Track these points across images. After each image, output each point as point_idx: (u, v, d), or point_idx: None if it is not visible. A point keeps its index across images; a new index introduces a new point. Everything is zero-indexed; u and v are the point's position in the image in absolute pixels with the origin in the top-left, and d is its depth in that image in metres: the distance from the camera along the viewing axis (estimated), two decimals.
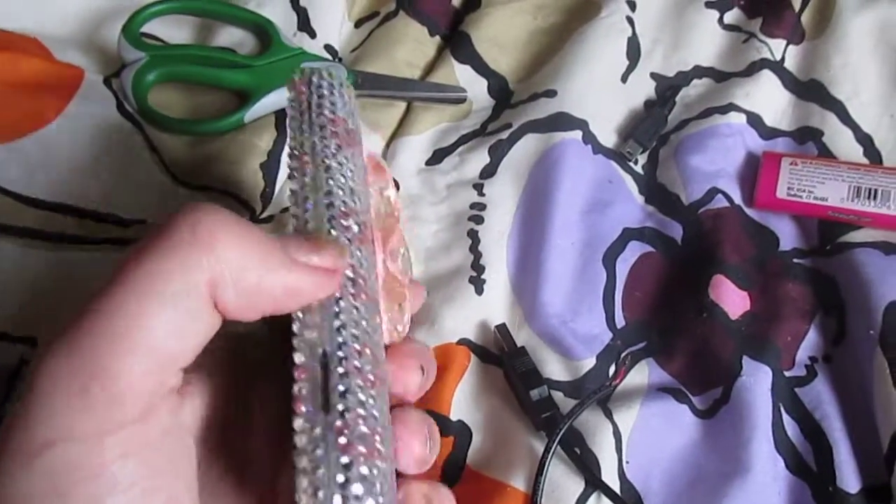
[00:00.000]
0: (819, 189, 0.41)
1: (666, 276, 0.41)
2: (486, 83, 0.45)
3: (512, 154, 0.42)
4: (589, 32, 0.45)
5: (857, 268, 0.40)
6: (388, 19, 0.46)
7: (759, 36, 0.46)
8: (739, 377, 0.37)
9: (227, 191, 0.38)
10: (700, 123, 0.44)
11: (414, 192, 0.42)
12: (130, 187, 0.37)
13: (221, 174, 0.38)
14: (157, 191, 0.37)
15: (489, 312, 0.39)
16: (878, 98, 0.44)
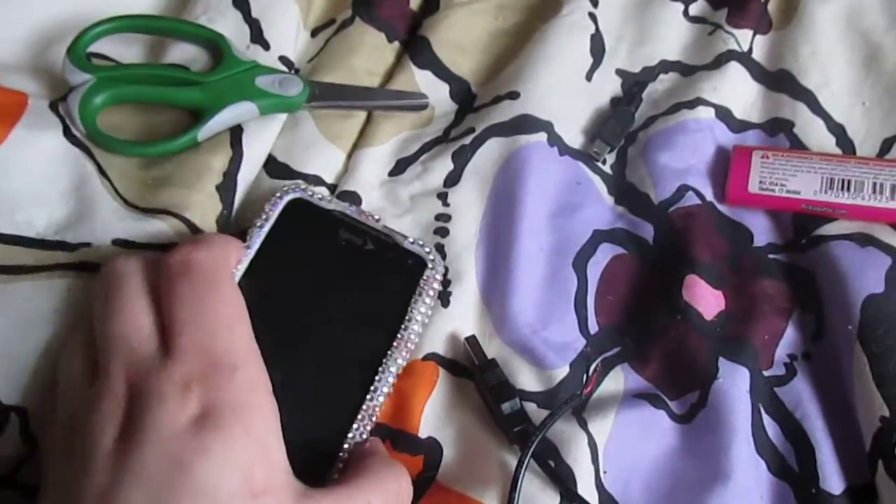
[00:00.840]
0: (791, 182, 0.40)
1: (638, 278, 0.40)
2: (448, 88, 0.44)
3: (476, 160, 0.41)
4: (551, 31, 0.44)
5: (833, 261, 0.39)
6: (345, 27, 0.44)
7: (724, 27, 0.45)
8: (716, 380, 0.36)
9: (181, 216, 0.37)
10: (668, 120, 0.43)
11: (376, 206, 0.41)
12: (78, 214, 0.36)
13: (175, 198, 0.37)
14: (107, 216, 0.36)
15: (458, 324, 0.38)
16: (849, 86, 0.43)
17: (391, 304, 0.37)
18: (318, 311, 0.37)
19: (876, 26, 0.44)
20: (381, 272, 0.38)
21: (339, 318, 0.37)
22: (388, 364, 0.35)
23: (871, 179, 0.39)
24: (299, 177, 0.41)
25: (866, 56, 0.44)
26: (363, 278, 0.38)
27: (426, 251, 0.37)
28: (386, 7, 0.45)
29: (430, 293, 0.37)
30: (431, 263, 0.37)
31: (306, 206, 0.38)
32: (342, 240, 0.38)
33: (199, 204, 0.37)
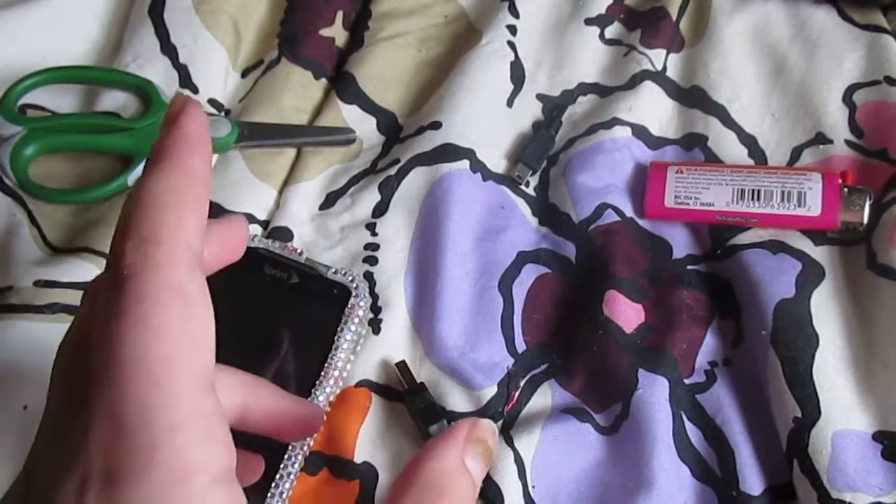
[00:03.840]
0: (705, 194, 0.42)
1: (563, 296, 0.41)
2: (375, 120, 0.46)
3: (402, 189, 0.43)
4: (471, 61, 0.46)
5: (747, 269, 0.40)
6: (272, 67, 0.46)
7: (638, 48, 0.47)
8: (636, 391, 0.37)
9: (104, 253, 0.38)
10: (586, 141, 0.44)
11: (308, 240, 0.42)
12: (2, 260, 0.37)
13: (102, 237, 0.38)
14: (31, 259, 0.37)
15: (389, 350, 0.40)
16: (759, 98, 0.45)
17: (318, 335, 0.38)
18: (246, 348, 0.38)
19: (781, 39, 0.46)
20: (307, 304, 0.39)
21: (269, 353, 0.38)
22: (317, 394, 0.36)
23: (779, 188, 0.41)
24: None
25: (773, 69, 0.46)
26: (290, 312, 0.39)
27: (349, 280, 0.38)
28: (311, 46, 0.46)
29: (356, 321, 0.38)
30: (355, 291, 0.38)
31: None
32: (267, 275, 0.39)
33: None
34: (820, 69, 0.45)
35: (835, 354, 0.37)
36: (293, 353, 0.38)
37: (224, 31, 0.46)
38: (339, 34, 0.48)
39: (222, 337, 0.37)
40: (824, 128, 0.43)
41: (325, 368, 0.37)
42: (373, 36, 0.47)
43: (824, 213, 0.40)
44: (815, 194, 0.41)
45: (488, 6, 0.49)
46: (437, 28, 0.49)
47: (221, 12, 0.46)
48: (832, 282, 0.39)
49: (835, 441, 0.35)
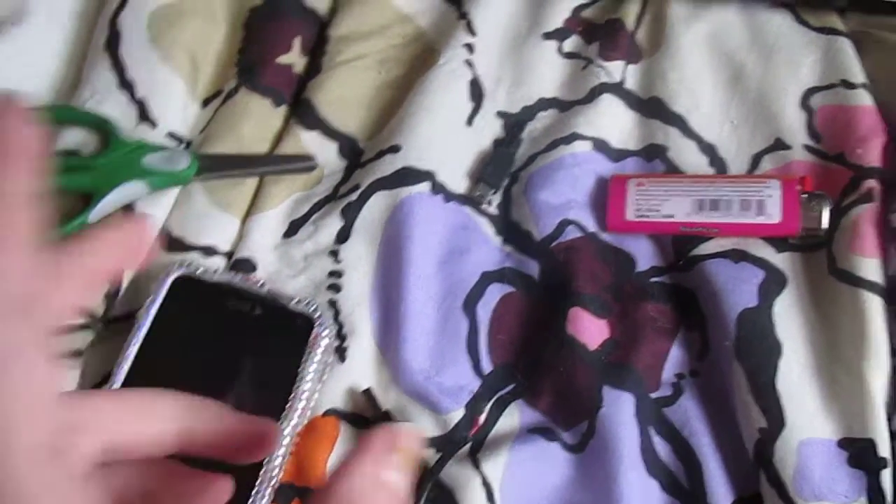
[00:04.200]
0: (665, 206, 0.42)
1: (528, 315, 0.41)
2: (336, 146, 0.46)
3: (363, 215, 0.43)
4: (429, 82, 0.46)
5: (709, 279, 0.40)
6: (231, 96, 0.46)
7: (596, 61, 0.47)
8: (601, 408, 0.38)
9: None
10: (546, 157, 0.44)
11: (272, 269, 0.42)
12: None
13: None
14: None
15: (356, 378, 0.40)
16: (717, 106, 0.45)
17: (284, 366, 0.38)
18: (213, 381, 0.38)
19: (739, 47, 0.46)
20: (271, 336, 0.39)
21: (235, 386, 0.38)
22: (284, 426, 0.37)
23: (738, 197, 0.41)
24: (194, 249, 0.42)
25: (731, 76, 0.46)
26: (255, 344, 0.39)
27: (312, 310, 0.39)
28: (269, 75, 0.46)
29: (320, 351, 0.38)
30: (318, 321, 0.38)
31: (192, 281, 0.39)
32: (231, 309, 0.39)
33: None
34: (777, 75, 0.45)
35: (798, 362, 0.37)
36: (259, 386, 0.38)
37: (181, 63, 0.45)
38: (298, 60, 0.48)
39: (187, 372, 0.38)
40: (783, 133, 0.43)
41: (290, 400, 0.37)
42: (331, 60, 0.47)
43: (784, 220, 0.40)
44: (774, 202, 0.41)
45: (446, 25, 0.49)
46: (396, 49, 0.49)
47: (178, 45, 0.46)
48: (795, 289, 0.40)
49: (800, 450, 0.35)
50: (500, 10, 0.49)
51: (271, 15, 0.48)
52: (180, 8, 0.47)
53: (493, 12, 0.49)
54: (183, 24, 0.46)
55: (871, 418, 0.35)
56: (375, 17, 0.49)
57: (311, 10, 0.49)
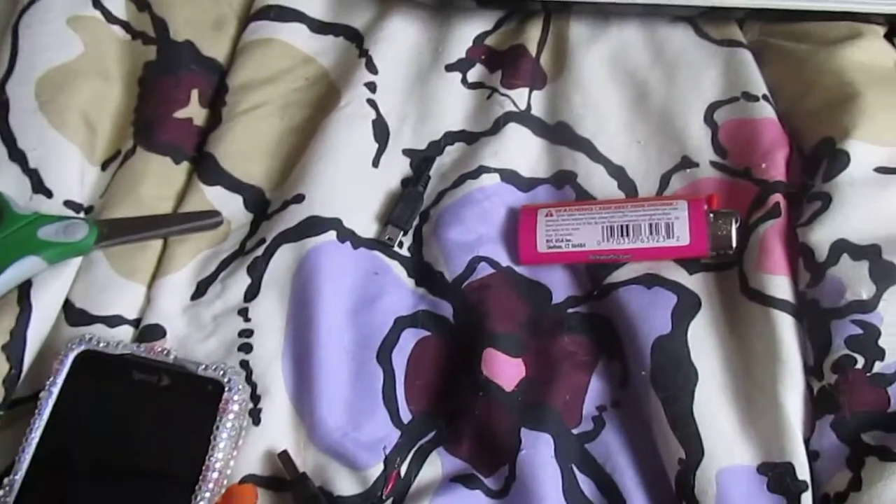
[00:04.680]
0: (576, 236, 0.41)
1: (444, 359, 0.41)
2: (242, 199, 0.45)
3: (270, 270, 0.42)
4: (331, 126, 0.45)
5: (623, 307, 0.40)
6: (128, 157, 0.45)
7: (500, 90, 0.46)
8: (520, 451, 0.37)
9: None
10: (455, 193, 0.43)
11: (181, 334, 0.41)
12: None
13: None
14: None
15: (272, 440, 0.39)
16: (623, 127, 0.45)
17: (196, 435, 0.37)
18: (124, 458, 0.37)
19: (641, 64, 0.46)
20: (181, 406, 0.38)
21: (147, 460, 0.37)
22: (198, 498, 0.36)
23: (647, 221, 0.40)
24: (99, 320, 0.41)
25: (635, 95, 0.45)
26: (165, 415, 0.38)
27: (221, 374, 0.38)
28: (167, 131, 0.45)
29: (231, 416, 0.37)
30: (228, 386, 0.37)
31: (95, 356, 0.38)
32: (137, 381, 0.38)
33: None
34: (680, 91, 0.44)
35: (715, 388, 0.37)
36: (171, 459, 0.37)
37: (74, 127, 0.44)
38: (197, 113, 0.46)
39: (95, 450, 0.37)
40: (689, 151, 0.43)
41: (203, 471, 0.36)
42: (231, 110, 0.46)
43: (693, 241, 0.40)
44: (682, 223, 0.40)
45: (347, 64, 0.48)
46: (299, 92, 0.48)
47: (69, 109, 0.44)
48: (709, 310, 0.39)
49: (720, 479, 0.35)
50: (401, 45, 0.48)
51: (166, 68, 0.47)
52: (70, 69, 0.45)
53: (394, 48, 0.48)
54: (74, 87, 0.45)
55: (788, 441, 0.35)
56: (275, 61, 0.48)
57: (209, 60, 0.48)
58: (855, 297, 0.36)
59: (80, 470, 0.37)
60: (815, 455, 0.35)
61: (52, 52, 0.46)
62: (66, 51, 0.46)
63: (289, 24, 0.49)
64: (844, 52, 0.42)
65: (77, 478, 0.36)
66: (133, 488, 0.36)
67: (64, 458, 0.37)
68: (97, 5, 0.48)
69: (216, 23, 0.49)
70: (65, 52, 0.46)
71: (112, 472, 0.37)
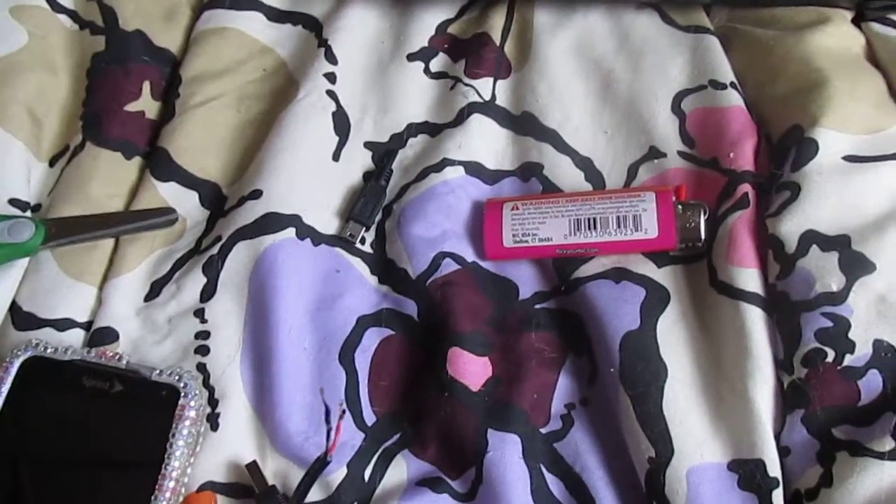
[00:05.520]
0: (542, 230, 0.40)
1: (409, 358, 0.39)
2: (197, 195, 0.43)
3: (227, 268, 0.40)
4: (289, 118, 0.43)
5: (591, 302, 0.39)
6: (77, 153, 0.43)
7: (464, 79, 0.45)
8: (487, 453, 0.36)
9: None
10: (418, 187, 0.42)
11: (135, 336, 0.39)
12: None
13: None
14: None
15: (232, 446, 0.37)
16: (590, 117, 0.44)
17: (151, 443, 0.36)
18: (76, 468, 0.35)
19: (606, 52, 0.45)
20: (135, 412, 0.36)
21: (100, 471, 0.35)
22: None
23: (614, 214, 0.40)
24: (47, 324, 0.39)
25: (601, 84, 0.44)
26: (118, 422, 0.36)
27: (176, 379, 0.36)
28: (117, 125, 0.43)
29: (188, 422, 0.36)
30: (184, 391, 0.36)
31: (43, 362, 0.36)
32: (87, 388, 0.36)
33: None
34: (647, 79, 0.43)
35: (684, 384, 0.36)
36: (126, 467, 0.35)
37: (18, 123, 0.42)
38: (150, 106, 0.45)
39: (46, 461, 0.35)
40: (656, 141, 0.42)
41: (159, 480, 0.35)
42: (185, 103, 0.44)
43: (661, 234, 0.39)
44: (650, 215, 0.39)
45: (306, 54, 0.46)
46: (256, 84, 0.46)
47: (13, 103, 0.42)
48: (678, 304, 0.38)
49: (690, 478, 0.34)
50: (361, 34, 0.47)
51: (116, 59, 0.45)
52: (13, 61, 0.43)
53: (354, 37, 0.46)
54: (18, 80, 0.43)
55: (758, 438, 0.34)
56: (231, 51, 0.46)
57: (161, 50, 0.46)
58: (825, 289, 0.35)
59: (29, 481, 0.35)
60: (786, 451, 0.35)
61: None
62: (8, 42, 0.44)
63: (245, 13, 0.47)
64: (812, 38, 0.42)
65: (26, 489, 0.35)
66: (87, 499, 0.35)
67: (11, 468, 0.35)
68: None
69: (168, 12, 0.47)
70: (8, 43, 0.44)
71: (65, 482, 0.35)
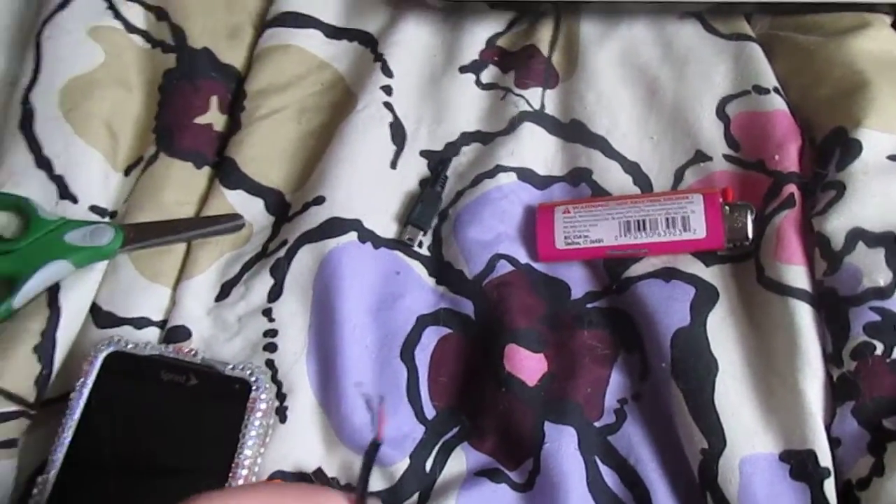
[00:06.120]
0: (593, 231, 0.42)
1: (466, 355, 0.41)
2: (263, 202, 0.45)
3: (293, 271, 0.42)
4: (348, 129, 0.45)
5: (642, 300, 0.40)
6: (151, 163, 0.45)
7: (514, 90, 0.47)
8: (544, 445, 0.37)
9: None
10: (472, 193, 0.44)
11: (207, 335, 0.42)
12: None
13: None
14: None
15: (298, 438, 0.39)
16: (636, 123, 0.45)
17: (224, 433, 0.38)
18: (153, 456, 0.38)
19: (651, 61, 0.46)
20: (209, 404, 0.38)
21: (176, 459, 0.37)
22: None
23: (663, 215, 0.41)
24: (126, 322, 0.41)
25: (646, 91, 0.46)
26: (193, 414, 0.38)
27: (248, 374, 0.38)
28: (188, 137, 0.46)
29: (259, 414, 0.38)
30: (255, 385, 0.38)
31: (124, 356, 0.39)
32: (165, 381, 0.39)
33: (15, 369, 0.38)
34: (691, 86, 0.45)
35: (735, 378, 0.37)
36: (201, 456, 0.38)
37: (97, 134, 0.45)
38: (217, 119, 0.47)
39: (125, 449, 0.37)
40: (702, 145, 0.44)
41: (232, 468, 0.37)
42: (250, 116, 0.47)
43: (709, 234, 0.40)
44: (698, 216, 0.41)
45: (363, 68, 0.49)
46: (315, 97, 0.48)
47: (92, 116, 0.45)
48: (727, 302, 0.40)
49: (742, 468, 0.35)
50: (415, 49, 0.49)
51: (185, 76, 0.47)
52: (92, 79, 0.46)
53: (408, 51, 0.49)
54: (96, 95, 0.46)
55: (809, 429, 0.35)
56: (292, 67, 0.49)
57: (227, 66, 0.49)
58: (872, 284, 0.36)
59: (110, 468, 0.37)
60: (837, 442, 0.36)
61: (74, 61, 0.46)
62: (87, 60, 0.47)
63: (304, 31, 0.50)
64: (853, 42, 0.43)
65: (108, 476, 0.37)
66: (163, 486, 0.37)
67: (95, 456, 0.37)
68: (117, 16, 0.48)
69: (232, 31, 0.50)
70: (86, 61, 0.47)
71: (142, 470, 0.37)
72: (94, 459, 0.37)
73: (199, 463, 0.37)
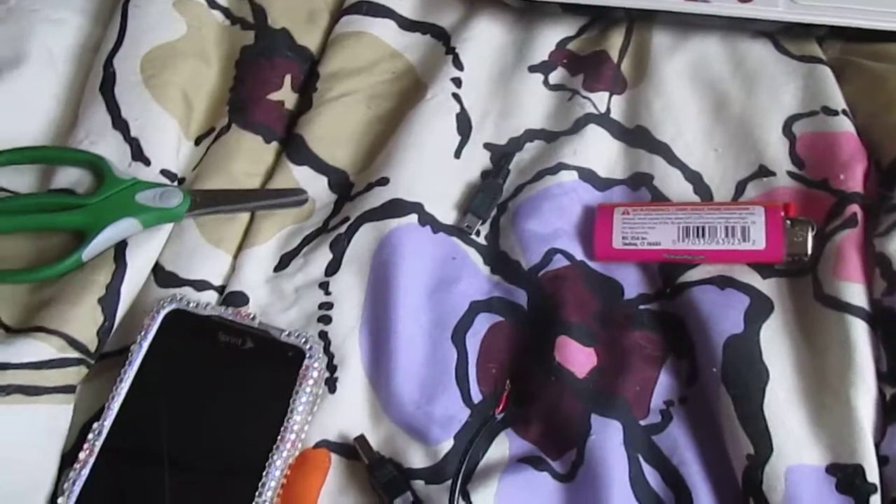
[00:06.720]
0: (651, 234, 0.42)
1: (516, 344, 0.41)
2: (327, 180, 0.46)
3: (352, 247, 0.43)
4: (417, 116, 0.46)
5: (696, 306, 0.40)
6: (222, 134, 0.47)
7: (581, 92, 0.47)
8: (590, 436, 0.38)
9: (58, 331, 0.38)
10: (533, 187, 0.45)
11: (263, 303, 0.43)
12: None
13: (55, 315, 0.39)
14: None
15: (346, 409, 0.40)
16: (701, 134, 0.46)
17: (275, 397, 0.38)
18: (205, 414, 0.38)
19: (721, 75, 0.47)
20: (262, 368, 0.39)
21: (227, 418, 0.38)
22: (275, 458, 0.37)
23: (723, 224, 0.41)
24: (187, 283, 0.43)
25: (714, 104, 0.46)
26: (246, 376, 0.39)
27: (303, 342, 0.39)
28: (260, 112, 0.47)
29: (311, 382, 0.38)
30: (309, 353, 0.39)
31: (184, 315, 0.40)
32: (222, 342, 0.40)
33: (80, 318, 0.39)
34: (759, 102, 0.46)
35: (785, 388, 0.37)
36: (250, 417, 0.38)
37: (174, 102, 0.46)
38: (289, 97, 0.49)
39: (178, 404, 0.38)
40: (766, 160, 0.44)
41: (281, 432, 0.37)
42: (321, 97, 0.48)
43: (769, 246, 0.41)
44: (758, 228, 0.41)
45: (434, 60, 0.50)
46: (385, 84, 0.50)
47: (171, 85, 0.47)
48: (781, 314, 0.40)
49: (788, 476, 0.35)
50: (487, 45, 0.50)
51: (262, 53, 0.49)
52: (173, 49, 0.48)
53: (480, 47, 0.50)
54: (176, 65, 0.47)
55: (859, 444, 0.35)
56: (365, 53, 0.50)
57: (302, 48, 0.50)
58: None
59: (163, 421, 0.38)
60: (885, 460, 0.35)
61: (157, 31, 0.48)
62: (170, 31, 0.48)
63: (379, 20, 0.51)
64: None
65: (161, 428, 0.38)
66: (213, 444, 0.38)
67: (149, 409, 0.38)
68: None
69: (310, 15, 0.51)
70: (169, 32, 0.48)
71: (194, 426, 0.38)
72: (147, 411, 0.38)
73: (248, 424, 0.38)
